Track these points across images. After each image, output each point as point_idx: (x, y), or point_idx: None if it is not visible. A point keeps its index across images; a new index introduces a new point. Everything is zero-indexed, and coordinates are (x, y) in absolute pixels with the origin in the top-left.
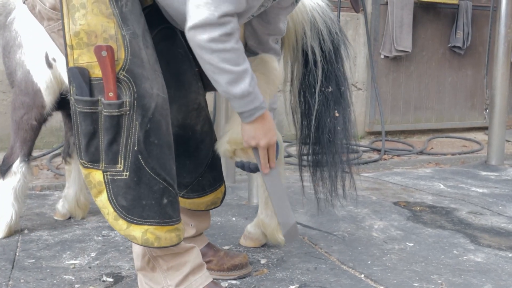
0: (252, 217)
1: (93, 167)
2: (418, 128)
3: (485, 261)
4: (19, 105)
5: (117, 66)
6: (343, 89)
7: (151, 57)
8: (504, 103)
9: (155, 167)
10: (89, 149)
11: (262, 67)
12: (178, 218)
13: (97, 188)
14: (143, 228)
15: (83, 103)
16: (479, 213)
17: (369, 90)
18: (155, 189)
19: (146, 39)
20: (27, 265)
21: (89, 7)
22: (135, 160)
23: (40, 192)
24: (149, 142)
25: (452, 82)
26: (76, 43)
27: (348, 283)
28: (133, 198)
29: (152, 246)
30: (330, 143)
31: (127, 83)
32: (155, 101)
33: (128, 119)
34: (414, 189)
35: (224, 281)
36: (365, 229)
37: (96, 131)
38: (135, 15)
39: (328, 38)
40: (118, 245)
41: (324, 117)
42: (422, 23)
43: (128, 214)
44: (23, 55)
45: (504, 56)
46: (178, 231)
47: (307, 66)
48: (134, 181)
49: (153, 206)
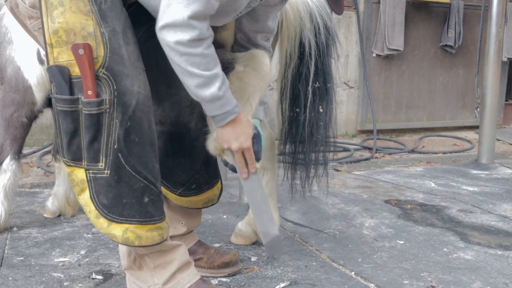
0: (243, 215)
1: (75, 165)
2: (410, 127)
3: (474, 258)
4: (9, 102)
5: (96, 64)
6: (329, 86)
7: (132, 54)
8: (495, 102)
9: (135, 165)
10: (71, 148)
11: (252, 63)
12: (161, 216)
13: (79, 186)
14: (123, 226)
15: (63, 101)
16: (469, 211)
17: (361, 89)
18: (135, 187)
19: (127, 35)
20: (15, 263)
21: (67, 5)
22: (115, 159)
23: (30, 189)
24: (129, 140)
25: (443, 81)
26: (55, 41)
27: (338, 280)
28: (113, 196)
29: (132, 245)
30: (311, 137)
31: (107, 81)
32: (136, 98)
33: (108, 117)
34: (405, 187)
35: (215, 279)
36: (356, 227)
37: (77, 130)
38: (114, 12)
39: (323, 32)
40: (108, 242)
41: (310, 111)
42: (414, 22)
43: (108, 213)
44: (13, 51)
45: (495, 55)
46: (161, 230)
47: (303, 58)
48: (114, 180)
49: (134, 204)
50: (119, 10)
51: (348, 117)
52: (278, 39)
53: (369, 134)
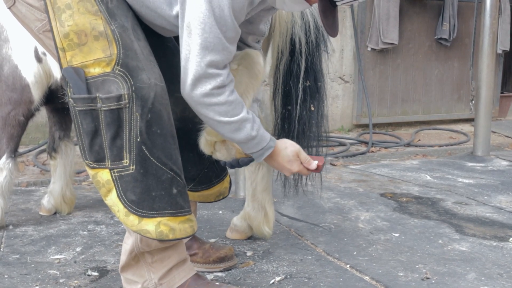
0: (239, 210)
1: (99, 167)
2: (405, 120)
3: (469, 250)
4: (6, 101)
5: (111, 62)
6: (319, 84)
7: (145, 49)
8: (490, 94)
9: (160, 157)
10: (92, 148)
11: (246, 62)
12: (189, 209)
13: (106, 187)
14: (155, 220)
15: (81, 101)
16: (465, 203)
17: (356, 83)
18: (163, 179)
19: (137, 32)
20: (11, 261)
21: (75, 7)
22: (140, 152)
23: (26, 188)
24: (151, 132)
25: (438, 74)
26: (67, 45)
27: (333, 273)
28: (141, 191)
29: (167, 238)
30: (303, 135)
31: (123, 77)
32: (154, 91)
33: (128, 112)
34: (401, 180)
35: (210, 274)
36: (352, 221)
37: (98, 129)
38: (122, 10)
39: (313, 31)
40: (103, 239)
41: (301, 109)
42: (408, 16)
43: (138, 208)
44: (10, 49)
45: (489, 47)
46: (191, 222)
47: (293, 55)
48: (140, 173)
49: (163, 196)
50: (125, 9)
51: (343, 111)
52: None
53: (365, 128)
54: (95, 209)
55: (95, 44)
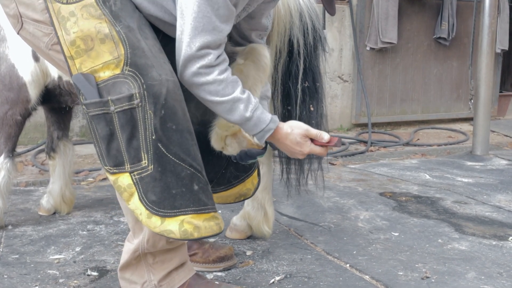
0: (238, 209)
1: (119, 171)
2: (404, 119)
3: (469, 249)
4: (3, 101)
5: (120, 63)
6: (318, 85)
7: (153, 47)
8: (489, 93)
9: (178, 153)
10: (110, 153)
11: (252, 55)
12: (214, 206)
13: (128, 192)
14: (178, 219)
15: (93, 105)
16: (464, 203)
17: (355, 82)
18: (182, 175)
19: (144, 31)
20: (10, 261)
21: (78, 13)
22: (156, 149)
23: (24, 188)
24: (166, 128)
25: (437, 74)
26: (75, 52)
27: (333, 273)
28: (161, 190)
29: (192, 237)
30: None
31: (134, 77)
32: (165, 87)
33: (141, 110)
34: (400, 179)
35: (210, 273)
36: (351, 220)
37: (113, 133)
38: (126, 12)
39: (311, 33)
40: (103, 239)
41: (301, 109)
42: (407, 15)
43: (159, 208)
44: (7, 49)
45: (488, 46)
46: (217, 220)
47: (292, 56)
48: (158, 172)
49: (184, 193)
50: (131, 10)
51: (342, 110)
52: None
53: (364, 128)
54: (94, 209)
55: (102, 47)
